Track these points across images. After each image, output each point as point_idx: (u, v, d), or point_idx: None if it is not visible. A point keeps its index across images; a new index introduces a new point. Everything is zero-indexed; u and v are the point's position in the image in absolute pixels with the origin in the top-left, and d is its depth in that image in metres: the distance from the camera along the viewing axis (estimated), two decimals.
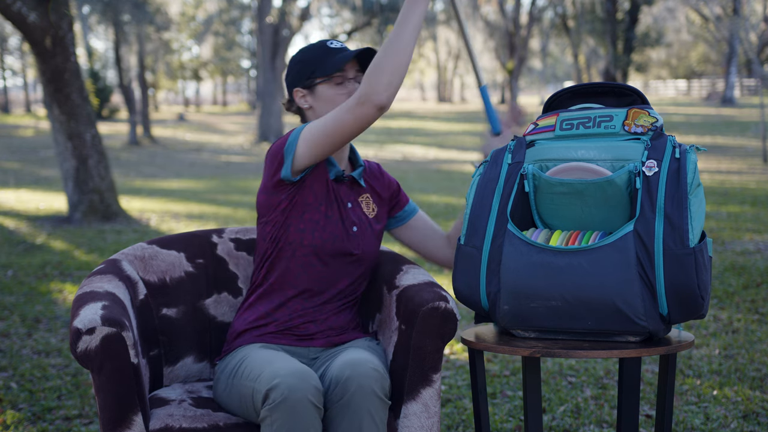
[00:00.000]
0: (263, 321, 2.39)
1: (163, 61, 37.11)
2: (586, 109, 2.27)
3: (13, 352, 4.60)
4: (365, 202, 2.48)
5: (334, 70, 2.37)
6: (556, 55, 53.87)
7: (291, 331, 2.38)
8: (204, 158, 21.25)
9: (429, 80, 71.94)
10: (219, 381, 2.35)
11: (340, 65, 2.37)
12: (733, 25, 25.63)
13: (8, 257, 7.58)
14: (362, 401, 2.11)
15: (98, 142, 9.68)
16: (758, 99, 32.38)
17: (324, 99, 2.40)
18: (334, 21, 42.86)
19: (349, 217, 2.41)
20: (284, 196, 2.36)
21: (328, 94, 2.40)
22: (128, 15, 24.17)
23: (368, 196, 2.50)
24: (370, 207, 2.49)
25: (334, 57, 2.40)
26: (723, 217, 9.09)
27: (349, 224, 2.41)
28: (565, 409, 3.60)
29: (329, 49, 2.41)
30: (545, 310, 2.14)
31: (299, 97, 2.43)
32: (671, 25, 41.03)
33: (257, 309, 2.41)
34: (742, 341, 4.50)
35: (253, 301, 2.42)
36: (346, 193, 2.44)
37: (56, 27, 8.98)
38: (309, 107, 2.43)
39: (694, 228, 2.09)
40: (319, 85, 2.40)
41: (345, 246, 2.39)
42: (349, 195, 2.45)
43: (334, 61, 2.39)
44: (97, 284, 2.34)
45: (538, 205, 2.27)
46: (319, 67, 2.39)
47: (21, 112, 44.07)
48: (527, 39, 30.71)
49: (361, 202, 2.47)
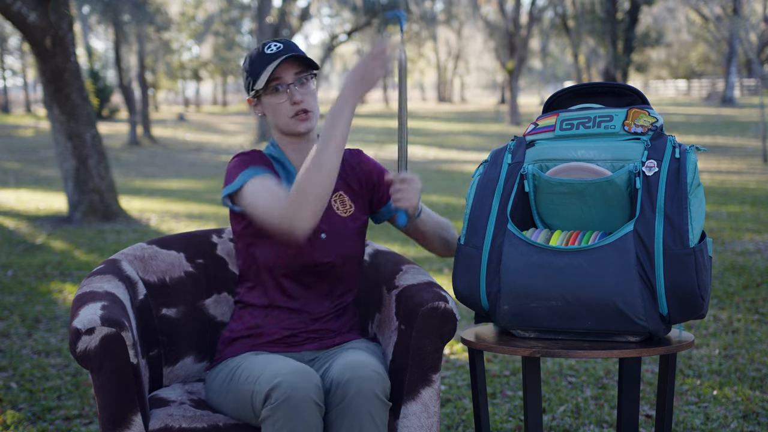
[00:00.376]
0: (252, 332, 2.36)
1: (163, 61, 37.10)
2: (586, 109, 2.27)
3: (13, 352, 4.60)
4: (339, 201, 2.39)
5: (267, 81, 2.29)
6: (556, 55, 53.86)
7: (282, 340, 2.35)
8: (204, 158, 21.25)
9: (429, 80, 71.95)
10: (211, 389, 2.33)
11: (267, 73, 2.28)
12: (733, 25, 25.63)
13: (8, 257, 7.58)
14: (363, 403, 2.10)
15: (98, 142, 9.68)
16: (758, 99, 32.38)
17: (269, 109, 2.33)
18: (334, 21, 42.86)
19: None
20: (242, 217, 2.32)
21: (271, 103, 2.32)
22: (128, 15, 24.16)
23: (341, 194, 2.40)
24: (346, 205, 2.40)
25: (267, 66, 2.30)
26: (723, 217, 9.09)
27: (317, 233, 2.32)
28: (565, 409, 3.60)
29: (265, 56, 2.31)
30: (545, 310, 2.14)
31: (252, 106, 2.37)
32: (671, 25, 41.04)
33: (245, 320, 2.38)
34: (742, 341, 4.50)
35: (240, 312, 2.40)
36: None
37: (56, 27, 8.98)
38: (262, 115, 2.37)
39: (694, 228, 2.09)
40: (261, 95, 2.33)
41: (312, 257, 2.31)
42: None
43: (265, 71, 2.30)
44: (97, 284, 2.34)
45: (538, 205, 2.27)
46: (257, 76, 2.31)
47: (21, 112, 44.08)
48: (527, 39, 30.68)
49: (333, 201, 2.38)
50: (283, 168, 2.36)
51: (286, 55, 2.28)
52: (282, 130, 2.35)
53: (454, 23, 42.57)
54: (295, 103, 2.30)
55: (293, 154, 2.38)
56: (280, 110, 2.31)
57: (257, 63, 2.32)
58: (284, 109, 2.31)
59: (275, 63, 2.28)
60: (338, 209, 2.38)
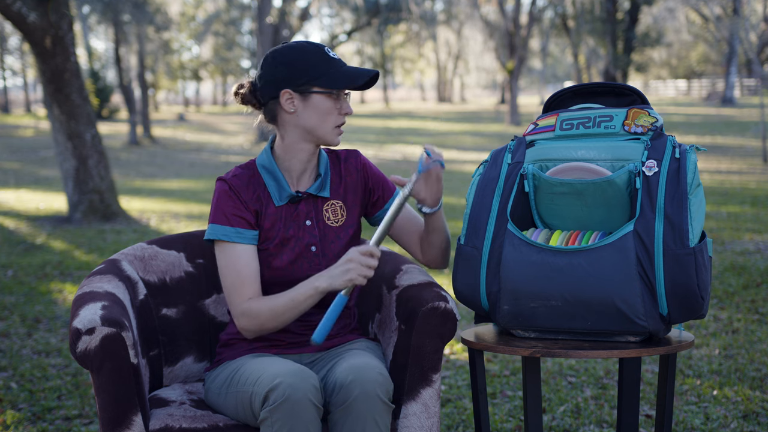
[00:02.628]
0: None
1: (163, 61, 37.11)
2: (586, 109, 2.27)
3: (13, 352, 4.60)
4: (331, 210, 2.35)
5: (345, 86, 2.24)
6: (556, 55, 53.87)
7: (280, 341, 2.35)
8: (204, 158, 21.25)
9: (429, 80, 71.94)
10: (210, 391, 2.33)
11: (355, 82, 2.24)
12: (733, 25, 25.64)
13: (8, 257, 7.58)
14: (366, 406, 2.10)
15: (98, 142, 9.68)
16: (758, 99, 32.38)
17: (317, 110, 2.25)
18: (334, 21, 42.87)
19: (304, 238, 2.31)
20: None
21: (325, 106, 2.25)
22: (128, 15, 24.18)
23: (333, 203, 2.36)
24: (338, 215, 2.36)
25: (341, 69, 2.26)
26: (723, 217, 9.09)
27: (307, 245, 2.31)
28: (565, 409, 3.60)
29: (331, 59, 2.26)
30: (545, 310, 2.14)
31: (285, 99, 2.25)
32: (671, 25, 41.01)
33: None
34: (742, 341, 4.50)
35: None
36: (305, 210, 2.33)
37: (56, 27, 8.98)
38: (293, 112, 2.26)
39: (694, 228, 2.09)
40: (316, 94, 2.25)
41: (303, 271, 2.30)
42: (309, 211, 2.33)
43: (344, 75, 2.24)
44: (97, 284, 2.34)
45: (538, 205, 2.27)
46: (322, 76, 2.24)
47: (21, 112, 44.08)
48: (527, 39, 30.66)
49: (325, 212, 2.35)
50: (274, 180, 2.31)
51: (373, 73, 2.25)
52: (316, 134, 2.28)
53: (454, 23, 42.57)
54: (345, 114, 2.29)
55: (292, 163, 2.32)
56: (330, 116, 2.27)
57: (322, 63, 2.25)
58: (333, 117, 2.27)
59: (363, 77, 2.24)
60: (329, 219, 2.35)
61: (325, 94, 2.25)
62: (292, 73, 2.25)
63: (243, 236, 2.27)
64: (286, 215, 2.31)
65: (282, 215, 2.31)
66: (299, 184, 2.34)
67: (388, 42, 51.20)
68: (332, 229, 2.35)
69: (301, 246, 2.31)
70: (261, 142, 25.28)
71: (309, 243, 2.31)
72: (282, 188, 2.31)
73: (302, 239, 2.31)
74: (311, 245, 2.31)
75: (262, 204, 2.31)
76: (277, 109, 2.29)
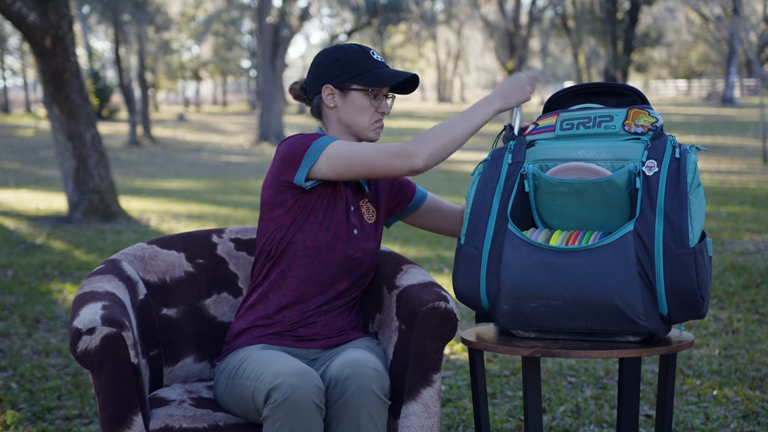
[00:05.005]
0: (262, 322, 2.38)
1: (163, 61, 37.12)
2: (587, 109, 2.27)
3: (13, 352, 4.60)
4: (365, 207, 2.47)
5: (382, 84, 2.38)
6: (556, 55, 53.86)
7: (290, 333, 2.37)
8: (204, 158, 21.26)
9: (429, 80, 71.95)
10: (219, 381, 2.34)
11: (389, 82, 2.38)
12: (733, 25, 25.64)
13: (8, 257, 7.58)
14: (361, 401, 2.11)
15: (98, 142, 9.68)
16: (758, 99, 32.38)
17: (355, 106, 2.39)
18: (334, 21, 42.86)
19: (350, 220, 2.40)
20: (290, 196, 2.34)
21: (362, 103, 2.39)
22: (128, 15, 24.18)
23: (368, 201, 2.48)
24: (369, 211, 2.48)
25: (380, 70, 2.39)
26: (723, 217, 9.09)
27: (351, 227, 2.40)
28: (565, 409, 3.60)
29: (373, 60, 2.40)
30: (545, 310, 2.14)
31: (326, 94, 2.40)
32: (671, 25, 41.00)
33: (257, 310, 2.40)
34: (742, 341, 4.50)
35: (253, 302, 2.41)
36: (351, 196, 2.43)
37: (56, 27, 8.98)
38: (333, 107, 2.41)
39: (694, 228, 2.09)
40: (354, 91, 2.39)
41: (346, 249, 2.38)
42: (353, 198, 2.44)
43: (381, 75, 2.38)
44: (97, 284, 2.34)
45: (538, 205, 2.27)
46: (364, 74, 2.38)
47: (21, 112, 44.08)
48: (527, 39, 30.65)
49: (361, 206, 2.46)
50: None
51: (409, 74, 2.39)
52: (354, 129, 2.41)
53: (454, 23, 42.57)
54: (383, 113, 2.43)
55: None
56: (367, 113, 2.40)
57: (365, 62, 2.39)
58: (371, 113, 2.41)
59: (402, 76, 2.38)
60: (365, 214, 2.46)
61: (362, 92, 2.39)
62: (334, 70, 2.39)
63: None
64: (340, 193, 2.40)
65: (338, 191, 2.39)
66: None
67: (388, 42, 51.21)
68: (367, 223, 2.46)
69: (344, 228, 2.38)
70: (261, 142, 25.29)
71: (353, 225, 2.41)
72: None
73: (349, 220, 2.40)
74: (354, 228, 2.41)
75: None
76: (321, 104, 2.43)
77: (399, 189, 2.57)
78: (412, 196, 2.58)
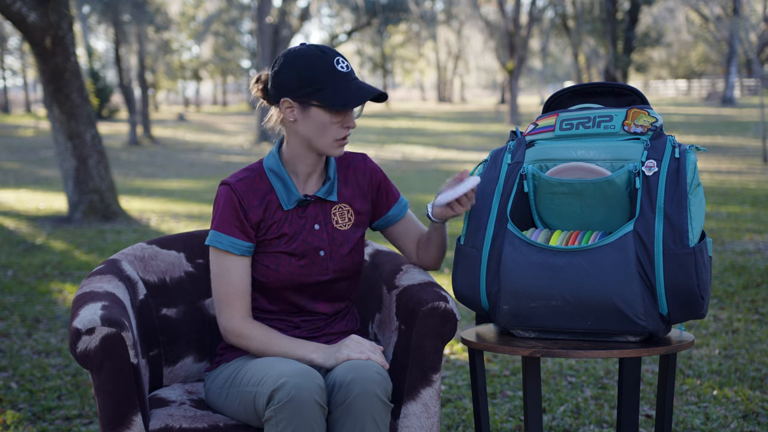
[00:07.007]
0: None
1: (163, 61, 37.12)
2: (586, 109, 2.27)
3: (13, 352, 4.60)
4: (338, 214, 2.35)
5: (343, 106, 2.18)
6: (556, 55, 53.89)
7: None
8: (204, 158, 21.25)
9: (429, 80, 71.96)
10: (210, 391, 2.32)
11: (352, 103, 2.18)
12: (733, 25, 25.63)
13: (8, 257, 7.58)
14: (365, 404, 2.10)
15: (98, 142, 9.68)
16: (758, 99, 32.38)
17: (316, 122, 2.21)
18: (334, 21, 42.87)
19: (313, 242, 2.30)
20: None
21: (323, 120, 2.21)
22: (128, 15, 24.18)
23: (341, 206, 2.36)
24: (345, 218, 2.36)
25: (345, 87, 2.19)
26: (723, 217, 9.09)
27: (315, 250, 2.30)
28: (565, 409, 3.60)
29: (336, 73, 2.19)
30: (545, 310, 2.14)
31: (285, 107, 2.23)
32: (671, 25, 40.99)
33: None
34: (742, 341, 4.50)
35: None
36: (313, 213, 2.32)
37: (56, 27, 8.98)
38: (293, 120, 2.24)
39: (694, 228, 2.09)
40: (315, 107, 2.21)
41: (312, 276, 2.30)
42: (317, 215, 2.32)
43: (345, 94, 2.19)
44: (97, 284, 2.34)
45: (538, 205, 2.27)
46: (326, 92, 2.19)
47: (21, 112, 44.09)
48: (527, 39, 30.64)
49: (333, 215, 2.34)
50: (282, 183, 2.30)
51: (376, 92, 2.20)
52: (314, 146, 2.25)
53: (454, 23, 42.58)
54: (347, 127, 2.24)
55: (299, 167, 2.31)
56: (329, 130, 2.22)
57: (328, 76, 2.19)
58: (333, 130, 2.22)
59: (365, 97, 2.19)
60: (337, 222, 2.35)
61: (325, 109, 2.21)
62: (294, 82, 2.21)
63: (238, 247, 2.26)
64: (295, 219, 2.30)
65: (290, 219, 2.30)
66: (307, 187, 2.33)
67: (388, 42, 51.22)
68: (341, 232, 2.34)
69: (309, 250, 2.30)
70: (261, 142, 25.28)
71: (318, 247, 2.31)
72: (290, 192, 2.29)
73: (311, 243, 2.30)
74: (320, 249, 2.31)
75: (269, 209, 2.29)
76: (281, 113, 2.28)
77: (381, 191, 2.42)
78: (388, 209, 2.42)
